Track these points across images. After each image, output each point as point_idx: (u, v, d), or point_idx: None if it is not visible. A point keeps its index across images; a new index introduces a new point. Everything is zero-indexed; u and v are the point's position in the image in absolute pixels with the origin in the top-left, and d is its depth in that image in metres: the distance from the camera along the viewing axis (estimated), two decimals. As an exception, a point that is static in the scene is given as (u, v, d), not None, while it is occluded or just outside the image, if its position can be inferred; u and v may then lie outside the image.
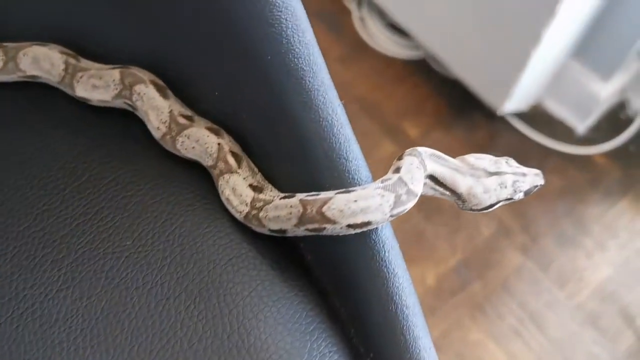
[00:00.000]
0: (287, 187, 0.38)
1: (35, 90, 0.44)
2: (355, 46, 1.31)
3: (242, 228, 0.38)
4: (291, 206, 0.35)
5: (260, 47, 0.34)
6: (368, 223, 0.34)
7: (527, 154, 1.20)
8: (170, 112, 0.40)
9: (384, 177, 0.35)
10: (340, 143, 0.35)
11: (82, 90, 0.42)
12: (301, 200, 0.35)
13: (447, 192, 0.38)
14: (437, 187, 0.38)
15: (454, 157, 0.39)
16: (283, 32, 0.34)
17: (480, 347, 1.03)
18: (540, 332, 1.05)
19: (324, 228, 0.34)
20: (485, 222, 1.13)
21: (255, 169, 0.40)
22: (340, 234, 0.35)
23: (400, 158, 0.36)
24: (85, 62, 0.43)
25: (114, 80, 0.41)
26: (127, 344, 0.35)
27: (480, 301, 1.06)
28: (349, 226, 0.34)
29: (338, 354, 0.36)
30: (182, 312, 0.35)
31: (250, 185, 0.38)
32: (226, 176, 0.38)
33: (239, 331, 0.35)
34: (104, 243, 0.37)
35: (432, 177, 0.37)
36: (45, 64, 0.43)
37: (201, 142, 0.40)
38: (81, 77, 0.42)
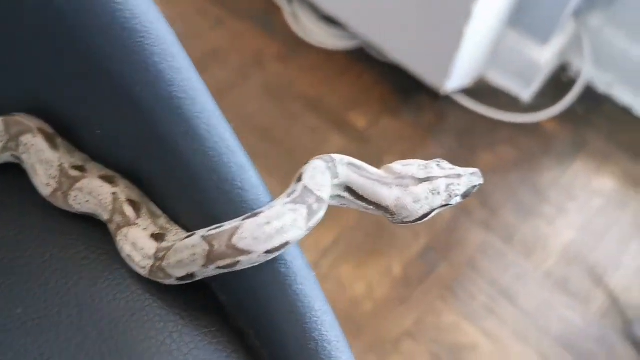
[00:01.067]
0: (192, 226, 0.35)
1: None
2: (291, 43, 1.28)
3: (143, 277, 0.35)
4: (193, 246, 0.32)
5: (129, 78, 0.31)
6: (286, 244, 0.31)
7: (476, 129, 1.19)
8: (61, 165, 0.36)
9: (289, 190, 0.32)
10: (233, 173, 0.32)
11: None
12: (204, 237, 0.32)
13: (371, 207, 0.35)
14: (358, 202, 0.35)
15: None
16: (149, 60, 0.30)
17: (455, 329, 1.02)
18: (513, 305, 1.04)
19: (238, 262, 0.31)
20: (443, 203, 1.12)
21: (158, 212, 0.37)
22: (257, 263, 0.32)
23: (306, 163, 0.33)
24: None
25: None
26: None
27: (449, 283, 1.05)
28: (267, 252, 0.31)
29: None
30: (86, 381, 0.32)
31: (152, 235, 0.35)
32: (124, 230, 0.35)
33: (150, 393, 0.32)
34: (-9, 315, 0.34)
35: (351, 190, 0.34)
36: None
37: (95, 194, 0.36)
38: None
